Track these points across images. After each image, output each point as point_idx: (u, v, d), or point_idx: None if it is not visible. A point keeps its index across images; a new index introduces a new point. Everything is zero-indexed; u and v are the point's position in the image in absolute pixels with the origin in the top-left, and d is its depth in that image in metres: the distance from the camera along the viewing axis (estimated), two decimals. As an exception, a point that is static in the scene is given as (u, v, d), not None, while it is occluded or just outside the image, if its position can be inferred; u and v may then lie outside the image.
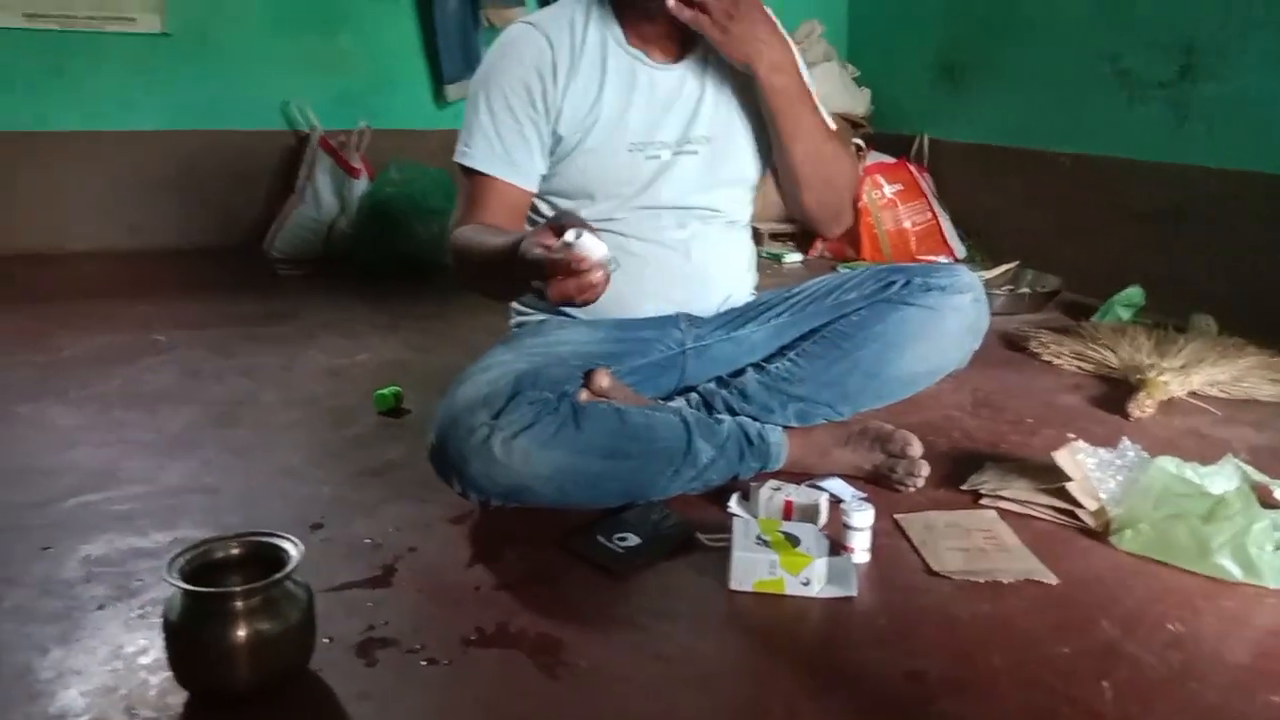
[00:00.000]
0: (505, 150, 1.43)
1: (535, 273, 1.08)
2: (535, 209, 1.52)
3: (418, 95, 3.58)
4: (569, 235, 1.05)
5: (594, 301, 1.09)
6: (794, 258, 3.38)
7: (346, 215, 3.21)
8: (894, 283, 1.51)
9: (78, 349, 2.22)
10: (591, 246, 1.05)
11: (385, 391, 1.84)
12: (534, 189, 1.48)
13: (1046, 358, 2.23)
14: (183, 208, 3.38)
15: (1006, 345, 2.34)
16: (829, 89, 3.50)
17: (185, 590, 0.94)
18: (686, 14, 1.38)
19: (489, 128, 1.44)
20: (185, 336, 2.34)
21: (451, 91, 3.50)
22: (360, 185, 3.24)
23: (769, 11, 1.44)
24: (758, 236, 3.35)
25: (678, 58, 1.50)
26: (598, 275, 1.06)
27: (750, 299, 1.64)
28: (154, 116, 3.31)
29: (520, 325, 1.62)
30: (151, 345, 2.26)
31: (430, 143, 3.44)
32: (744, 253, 1.64)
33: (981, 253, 3.23)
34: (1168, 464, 1.37)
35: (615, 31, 1.47)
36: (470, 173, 1.46)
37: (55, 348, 2.22)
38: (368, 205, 3.13)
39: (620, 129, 1.46)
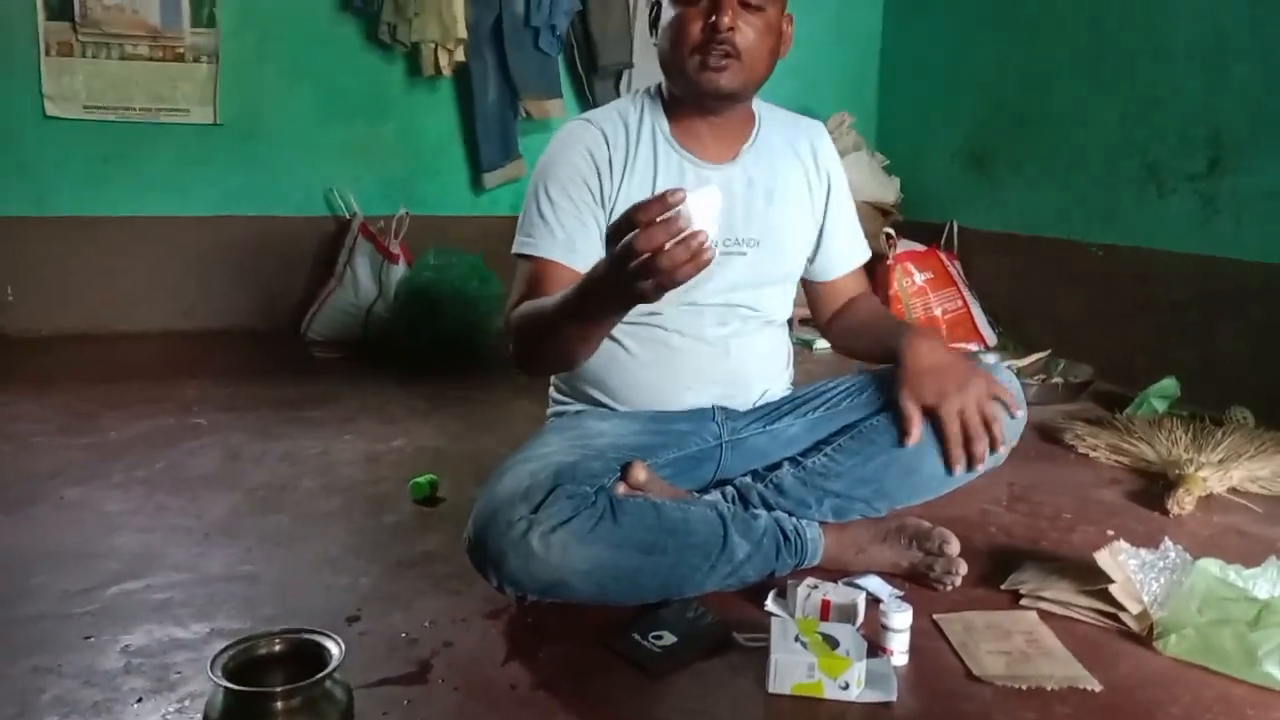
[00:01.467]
0: (567, 236, 1.46)
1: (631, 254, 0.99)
2: None
3: (456, 183, 3.69)
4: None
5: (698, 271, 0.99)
6: (824, 344, 3.38)
7: (384, 300, 3.29)
8: (931, 380, 1.52)
9: (124, 431, 2.27)
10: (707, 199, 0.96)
11: (421, 480, 1.86)
12: None
13: (1082, 450, 2.22)
14: (227, 291, 3.48)
15: (1041, 437, 2.33)
16: (860, 178, 3.56)
17: (227, 688, 0.95)
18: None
19: (550, 216, 1.46)
20: (227, 419, 2.38)
21: (489, 179, 3.60)
22: (398, 270, 3.31)
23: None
24: (789, 322, 3.37)
25: (733, 157, 1.54)
26: (702, 238, 0.96)
27: (786, 393, 1.66)
28: (203, 202, 3.43)
29: (558, 415, 1.64)
30: (194, 428, 2.31)
31: (468, 229, 3.53)
32: (782, 350, 1.67)
33: (1013, 341, 3.24)
34: (1211, 566, 1.35)
35: (665, 129, 1.51)
36: (530, 260, 1.47)
37: (102, 429, 2.27)
38: (405, 290, 3.20)
39: None
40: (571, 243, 1.46)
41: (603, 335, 1.31)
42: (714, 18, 1.38)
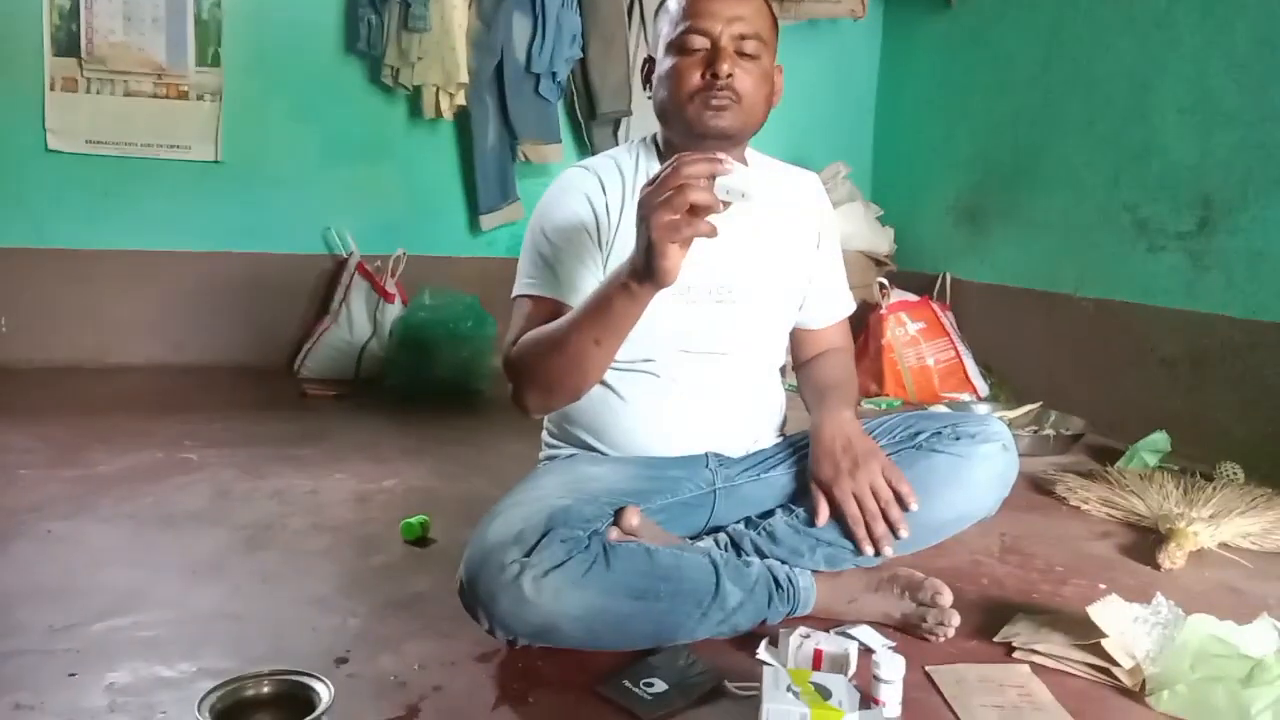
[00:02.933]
0: (567, 274, 1.47)
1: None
2: None
3: (454, 224, 3.71)
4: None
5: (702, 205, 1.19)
6: (818, 391, 3.40)
7: (378, 339, 3.29)
8: (923, 431, 1.53)
9: (113, 465, 2.25)
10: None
11: (413, 520, 1.85)
12: None
13: (1074, 503, 2.22)
14: (222, 326, 3.48)
15: (1033, 489, 2.34)
16: (854, 228, 3.60)
17: (215, 729, 0.94)
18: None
19: (550, 257, 1.48)
20: (217, 456, 2.37)
21: (487, 221, 3.62)
22: (394, 310, 3.33)
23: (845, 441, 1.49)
24: (781, 369, 3.38)
25: (725, 206, 1.55)
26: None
27: (778, 440, 1.66)
28: (200, 238, 3.44)
29: (550, 459, 1.63)
30: (183, 464, 2.30)
31: (464, 270, 3.55)
32: (774, 398, 1.67)
33: (1005, 392, 3.25)
34: (1203, 623, 1.35)
35: None
36: (530, 299, 1.48)
37: (92, 463, 2.26)
38: (400, 329, 3.20)
39: None
40: (571, 282, 1.47)
41: (617, 339, 1.30)
42: (713, 65, 1.41)
